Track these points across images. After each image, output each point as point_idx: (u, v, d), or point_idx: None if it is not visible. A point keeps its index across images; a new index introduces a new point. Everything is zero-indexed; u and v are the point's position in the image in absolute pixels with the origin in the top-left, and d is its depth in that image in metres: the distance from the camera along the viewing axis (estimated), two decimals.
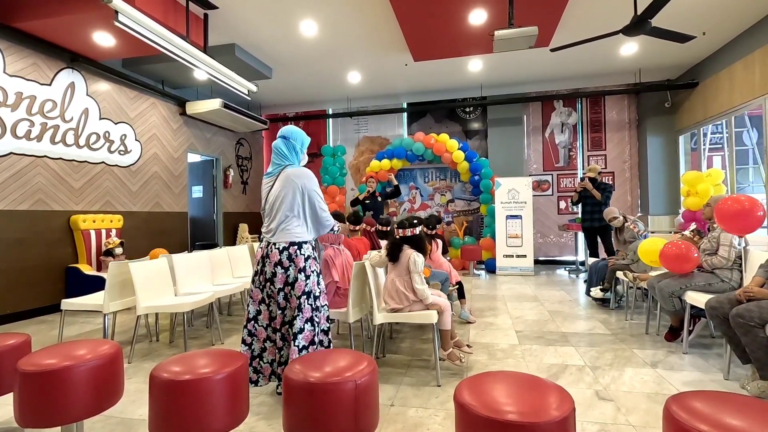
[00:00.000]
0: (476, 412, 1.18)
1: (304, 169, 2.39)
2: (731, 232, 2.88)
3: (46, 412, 1.66)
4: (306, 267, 2.30)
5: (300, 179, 2.34)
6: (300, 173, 2.35)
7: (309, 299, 2.28)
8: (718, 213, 2.80)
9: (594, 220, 5.75)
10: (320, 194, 2.38)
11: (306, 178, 2.35)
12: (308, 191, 2.34)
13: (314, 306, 2.30)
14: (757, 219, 2.65)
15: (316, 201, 2.36)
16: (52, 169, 4.86)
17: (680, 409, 1.13)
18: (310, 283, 2.29)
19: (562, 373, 2.74)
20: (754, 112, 7.58)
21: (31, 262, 4.62)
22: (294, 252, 2.29)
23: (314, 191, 2.36)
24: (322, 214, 2.39)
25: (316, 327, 2.29)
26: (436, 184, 8.59)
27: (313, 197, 2.35)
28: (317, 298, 2.33)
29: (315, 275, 2.34)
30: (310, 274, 2.31)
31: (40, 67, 4.74)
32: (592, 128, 8.09)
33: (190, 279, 3.70)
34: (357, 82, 7.34)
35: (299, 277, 2.27)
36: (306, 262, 2.30)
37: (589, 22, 5.18)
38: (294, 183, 2.32)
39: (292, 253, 2.29)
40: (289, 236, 2.30)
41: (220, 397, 1.57)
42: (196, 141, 7.32)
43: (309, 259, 2.33)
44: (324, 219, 2.39)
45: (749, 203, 2.67)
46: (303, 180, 2.34)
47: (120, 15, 3.53)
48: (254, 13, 4.78)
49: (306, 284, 2.28)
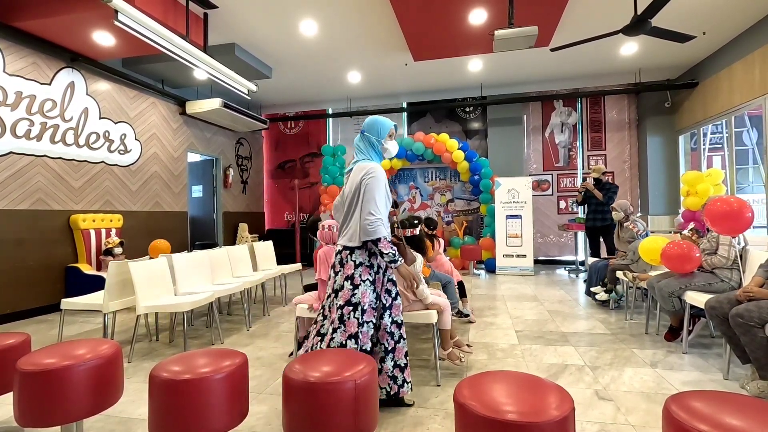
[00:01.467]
0: (476, 411, 1.18)
1: (372, 165, 2.12)
2: (721, 232, 2.89)
3: (45, 412, 1.66)
4: (355, 275, 2.07)
5: (360, 174, 2.11)
6: (364, 168, 2.12)
7: (355, 312, 2.04)
8: (707, 214, 2.81)
9: (597, 220, 5.75)
10: (379, 196, 2.06)
11: (368, 175, 2.08)
12: (365, 188, 2.07)
13: (360, 321, 2.05)
14: (746, 220, 2.66)
15: (368, 202, 2.05)
16: (51, 168, 4.86)
17: (680, 409, 1.13)
18: (358, 293, 2.05)
19: (561, 372, 2.74)
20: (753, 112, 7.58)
21: (30, 261, 4.62)
22: (345, 257, 2.10)
23: (373, 190, 2.05)
24: (368, 217, 2.02)
25: (359, 345, 2.04)
26: (436, 183, 8.59)
27: (368, 197, 2.05)
28: (365, 313, 2.06)
29: (367, 286, 2.08)
30: (359, 284, 2.06)
31: (40, 67, 4.73)
32: (592, 128, 8.09)
33: (189, 279, 3.70)
34: (357, 81, 7.34)
35: (345, 284, 2.08)
36: (356, 269, 2.07)
37: (589, 22, 5.18)
38: (355, 178, 2.12)
39: (343, 258, 2.11)
40: (344, 238, 2.12)
41: (220, 397, 1.57)
42: (196, 140, 7.32)
43: (360, 267, 2.08)
44: (366, 224, 2.02)
45: (738, 204, 2.68)
46: (363, 175, 2.09)
47: (120, 14, 3.53)
48: (254, 12, 4.78)
49: (353, 294, 2.06)
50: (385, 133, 2.21)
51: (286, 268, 5.02)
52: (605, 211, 5.61)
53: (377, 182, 2.06)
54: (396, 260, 2.03)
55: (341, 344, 2.03)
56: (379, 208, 2.03)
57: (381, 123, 2.23)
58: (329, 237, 3.01)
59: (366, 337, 2.06)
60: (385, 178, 2.11)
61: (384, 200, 2.08)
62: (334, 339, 2.04)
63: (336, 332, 2.05)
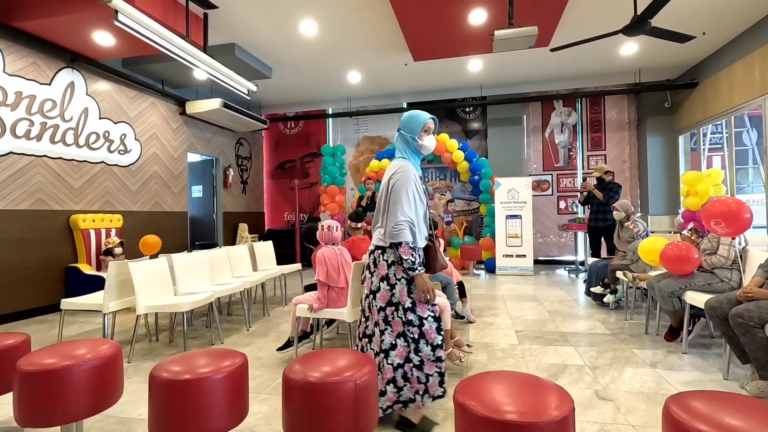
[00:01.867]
0: (476, 411, 1.18)
1: (399, 165, 2.04)
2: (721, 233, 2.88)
3: (45, 412, 1.66)
4: (389, 275, 2.01)
5: (389, 173, 2.05)
6: (393, 167, 2.06)
7: (398, 311, 1.99)
8: (705, 215, 2.80)
9: (598, 220, 5.73)
10: (405, 198, 1.96)
11: (395, 173, 2.01)
12: (392, 189, 2.00)
13: (405, 319, 1.98)
14: (744, 221, 2.66)
15: (393, 204, 1.97)
16: (51, 168, 4.86)
17: (680, 409, 1.13)
18: (396, 293, 1.99)
19: (561, 373, 2.74)
20: (753, 112, 7.58)
21: (30, 261, 4.62)
22: (378, 256, 2.05)
23: (398, 191, 1.97)
24: (392, 219, 1.95)
25: (411, 343, 1.99)
26: (436, 183, 8.59)
27: (393, 198, 1.98)
28: (409, 310, 1.99)
29: (403, 284, 2.00)
30: (395, 283, 2.00)
31: (40, 67, 4.73)
32: (592, 128, 8.10)
33: (189, 279, 3.70)
34: (357, 81, 7.34)
35: (381, 285, 2.02)
36: (390, 269, 2.01)
37: (589, 22, 5.18)
38: (385, 178, 2.07)
39: (376, 258, 2.06)
40: (375, 238, 2.06)
41: (220, 397, 1.57)
42: (195, 141, 7.32)
43: (393, 266, 2.01)
44: (391, 228, 1.94)
45: (736, 205, 2.68)
46: (391, 174, 2.03)
47: (120, 14, 3.53)
48: (254, 12, 4.78)
49: (392, 294, 2.00)
50: (419, 128, 2.07)
51: (286, 268, 5.02)
52: (607, 211, 5.59)
53: (404, 182, 1.98)
54: (414, 268, 1.93)
55: (392, 345, 1.98)
56: (405, 210, 1.94)
57: (415, 119, 2.09)
58: (328, 237, 3.01)
59: (432, 332, 2.00)
60: (413, 177, 2.01)
61: (412, 201, 1.98)
62: (384, 341, 2.00)
63: (384, 334, 2.00)
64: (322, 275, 2.88)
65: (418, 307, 2.00)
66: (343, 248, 3.09)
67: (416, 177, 2.03)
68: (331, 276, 2.89)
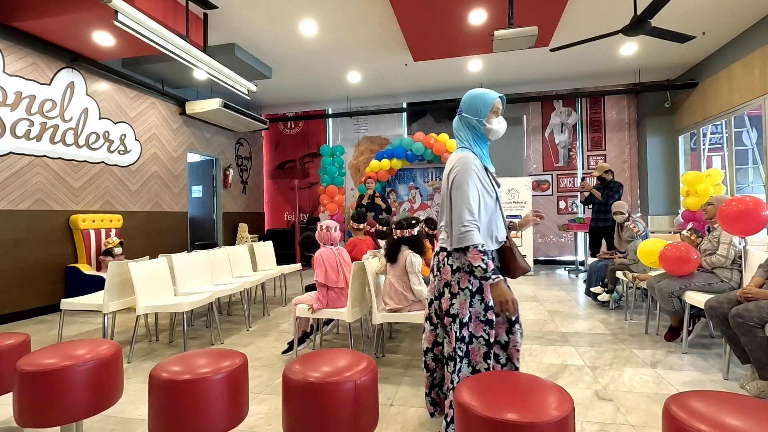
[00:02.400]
0: (476, 412, 1.18)
1: (459, 155, 1.78)
2: (733, 233, 2.87)
3: (45, 412, 1.66)
4: (452, 282, 1.76)
5: (448, 167, 1.81)
6: (452, 159, 1.81)
7: (454, 324, 1.75)
8: (721, 215, 2.78)
9: (599, 221, 5.70)
10: (471, 194, 1.69)
11: (454, 167, 1.76)
12: (453, 186, 1.74)
13: (459, 335, 1.73)
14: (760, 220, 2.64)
15: (456, 203, 1.70)
16: (51, 168, 4.86)
17: (680, 409, 1.13)
18: (456, 303, 1.74)
19: (561, 373, 2.74)
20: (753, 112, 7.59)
21: (30, 261, 4.62)
22: (442, 259, 1.81)
23: (461, 187, 1.70)
24: (457, 220, 1.68)
25: (457, 362, 1.73)
26: (436, 184, 8.59)
27: (456, 196, 1.71)
28: (465, 326, 1.74)
29: (466, 296, 1.74)
30: (458, 292, 1.75)
31: (40, 67, 4.73)
32: (592, 128, 8.09)
33: (189, 279, 3.70)
34: (357, 82, 7.34)
35: (444, 291, 1.79)
36: (453, 275, 1.76)
37: (588, 22, 5.19)
38: (445, 172, 1.82)
39: (440, 261, 1.82)
40: (443, 240, 1.81)
41: (220, 397, 1.57)
42: (195, 141, 7.32)
43: (458, 273, 1.76)
44: (457, 230, 1.68)
45: (753, 203, 2.66)
46: (450, 167, 1.78)
47: (119, 14, 3.53)
48: (254, 12, 4.78)
49: (451, 304, 1.76)
50: (488, 109, 1.79)
51: (286, 269, 5.02)
52: (608, 211, 5.57)
53: (465, 176, 1.70)
54: (487, 276, 1.65)
55: (449, 355, 1.76)
56: (473, 209, 1.67)
57: (482, 98, 1.81)
58: (327, 238, 3.01)
59: (477, 355, 1.74)
60: (476, 168, 1.74)
61: (477, 197, 1.71)
62: (444, 349, 1.83)
63: (444, 342, 1.82)
64: (321, 276, 2.88)
65: (473, 323, 1.75)
66: (342, 248, 3.10)
67: (480, 168, 1.76)
68: (329, 276, 2.89)
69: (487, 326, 1.75)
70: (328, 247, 3.01)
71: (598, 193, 5.64)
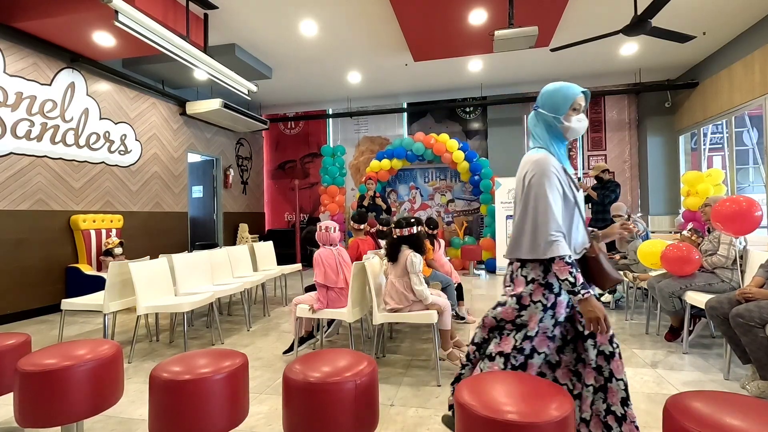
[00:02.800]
0: (476, 412, 1.18)
1: (535, 156, 1.62)
2: (729, 232, 2.88)
3: (46, 412, 1.66)
4: (524, 294, 1.62)
5: (523, 170, 1.65)
6: (527, 162, 1.64)
7: (516, 332, 1.63)
8: (715, 214, 2.79)
9: (598, 221, 5.69)
10: (551, 197, 1.55)
11: (529, 170, 1.60)
12: (530, 191, 1.59)
13: (519, 344, 1.61)
14: (754, 219, 2.65)
15: (536, 210, 1.56)
16: (52, 169, 4.86)
17: (680, 409, 1.13)
18: (525, 315, 1.62)
19: None
20: (754, 112, 7.58)
21: (31, 262, 4.62)
22: (515, 270, 1.67)
23: (540, 191, 1.56)
24: (542, 229, 1.53)
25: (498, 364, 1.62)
26: (436, 184, 8.59)
27: (535, 204, 1.56)
28: (529, 339, 1.60)
29: (538, 309, 1.59)
30: (529, 305, 1.60)
31: (40, 67, 4.74)
32: (593, 128, 8.09)
33: (190, 279, 3.70)
34: (357, 82, 7.34)
35: (510, 301, 1.65)
36: (527, 286, 1.61)
37: (589, 22, 5.18)
38: (519, 175, 1.67)
39: (513, 271, 1.68)
40: (514, 248, 1.65)
41: (220, 397, 1.57)
42: (196, 141, 7.32)
43: (532, 284, 1.61)
44: (540, 236, 1.53)
45: (747, 204, 2.67)
46: (527, 171, 1.62)
47: (120, 15, 3.53)
48: (254, 13, 4.78)
49: (518, 315, 1.63)
50: (567, 106, 1.63)
51: (287, 269, 5.02)
52: (606, 211, 5.57)
53: (542, 179, 1.55)
54: (576, 291, 1.50)
55: (491, 356, 1.65)
56: (557, 218, 1.53)
57: (561, 93, 1.64)
58: (327, 238, 3.01)
59: (533, 369, 1.61)
60: (554, 171, 1.57)
61: (560, 203, 1.57)
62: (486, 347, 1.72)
63: (491, 342, 1.70)
64: (321, 276, 2.88)
65: (539, 338, 1.60)
66: (341, 249, 3.10)
67: (558, 171, 1.59)
68: (329, 277, 2.89)
69: (551, 342, 1.64)
70: (328, 247, 3.01)
71: (594, 193, 5.64)
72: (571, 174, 1.65)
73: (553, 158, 1.62)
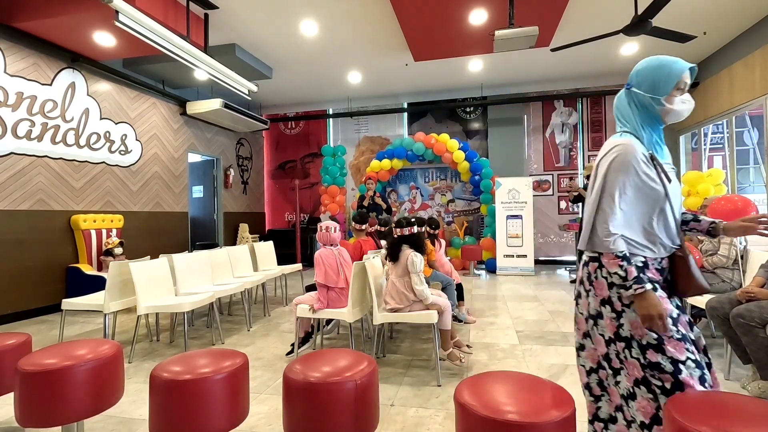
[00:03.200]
0: (476, 412, 1.18)
1: (617, 141, 1.43)
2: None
3: (46, 412, 1.67)
4: (612, 298, 1.42)
5: (601, 154, 1.48)
6: (607, 146, 1.47)
7: (631, 349, 1.38)
8: (711, 213, 2.80)
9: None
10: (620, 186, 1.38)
11: (608, 156, 1.43)
12: (600, 176, 1.43)
13: (646, 361, 1.35)
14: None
15: (599, 194, 1.42)
16: (52, 169, 4.86)
17: (680, 409, 1.12)
18: (625, 323, 1.39)
19: (562, 373, 2.74)
20: (754, 112, 7.57)
21: (31, 261, 4.62)
22: (593, 271, 1.47)
23: (609, 176, 1.40)
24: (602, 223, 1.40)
25: (658, 396, 1.32)
26: (437, 184, 8.58)
27: (605, 187, 1.41)
28: (652, 348, 1.34)
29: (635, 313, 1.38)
30: (623, 310, 1.40)
31: (41, 67, 4.74)
32: (593, 128, 8.09)
33: (190, 279, 3.70)
34: (357, 82, 7.34)
35: (604, 312, 1.44)
36: (612, 289, 1.42)
37: (589, 22, 5.18)
38: (596, 162, 1.50)
39: (591, 272, 1.48)
40: (590, 243, 1.45)
41: (221, 397, 1.57)
42: (196, 141, 7.32)
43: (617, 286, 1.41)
44: (598, 231, 1.41)
45: (742, 203, 2.67)
46: (602, 157, 1.46)
47: (120, 15, 3.53)
48: (255, 13, 4.79)
49: (619, 326, 1.41)
50: (671, 85, 1.39)
51: (287, 269, 5.02)
52: None
53: (624, 163, 1.38)
54: (627, 286, 1.35)
55: (630, 392, 1.39)
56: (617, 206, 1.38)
57: (665, 69, 1.40)
58: (327, 239, 3.01)
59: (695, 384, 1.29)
60: (637, 161, 1.38)
61: (632, 194, 1.39)
62: (620, 383, 1.43)
63: (620, 375, 1.44)
64: (321, 276, 2.89)
65: (669, 343, 1.33)
66: (342, 248, 3.10)
67: (645, 159, 1.40)
68: (329, 277, 2.89)
69: (686, 342, 1.35)
70: (328, 247, 3.01)
71: (585, 192, 5.67)
72: (662, 163, 1.44)
73: (640, 145, 1.42)
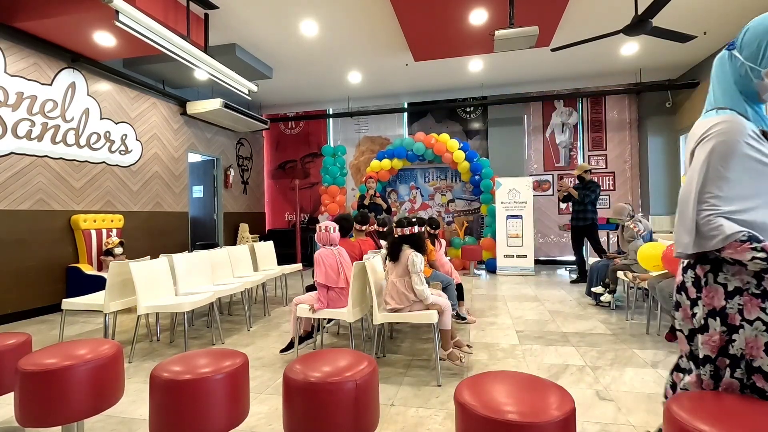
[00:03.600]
0: (476, 412, 1.18)
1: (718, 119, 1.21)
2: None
3: (46, 412, 1.67)
4: (728, 310, 1.20)
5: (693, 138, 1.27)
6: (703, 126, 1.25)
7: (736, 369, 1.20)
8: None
9: (579, 220, 5.78)
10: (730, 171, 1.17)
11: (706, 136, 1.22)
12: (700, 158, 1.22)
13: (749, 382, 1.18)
14: None
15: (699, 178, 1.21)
16: (52, 169, 4.86)
17: (680, 409, 1.12)
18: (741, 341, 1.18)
19: (562, 373, 2.74)
20: None
21: (31, 261, 4.62)
22: (702, 275, 1.25)
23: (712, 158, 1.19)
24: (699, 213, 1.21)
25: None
26: (437, 184, 8.58)
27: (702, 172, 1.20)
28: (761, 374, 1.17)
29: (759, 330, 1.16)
30: (742, 326, 1.18)
31: (41, 67, 4.74)
32: (593, 128, 8.09)
33: (190, 279, 3.70)
34: (357, 82, 7.34)
35: (711, 323, 1.22)
36: (730, 299, 1.20)
37: (589, 22, 5.18)
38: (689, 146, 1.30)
39: (699, 276, 1.26)
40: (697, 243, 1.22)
41: (221, 397, 1.57)
42: (196, 141, 7.32)
43: (740, 296, 1.19)
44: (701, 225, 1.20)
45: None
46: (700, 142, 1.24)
47: (120, 15, 3.53)
48: (255, 13, 4.78)
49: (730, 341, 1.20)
50: None
51: (287, 269, 5.02)
52: (587, 210, 5.66)
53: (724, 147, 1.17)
54: None
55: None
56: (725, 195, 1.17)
57: None
58: (326, 239, 3.01)
59: None
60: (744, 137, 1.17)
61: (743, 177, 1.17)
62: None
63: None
64: (321, 276, 2.89)
65: None
66: (342, 248, 3.10)
67: (757, 137, 1.18)
68: (329, 277, 2.89)
69: None
70: (328, 247, 3.01)
71: (575, 192, 5.70)
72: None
73: (745, 121, 1.19)
